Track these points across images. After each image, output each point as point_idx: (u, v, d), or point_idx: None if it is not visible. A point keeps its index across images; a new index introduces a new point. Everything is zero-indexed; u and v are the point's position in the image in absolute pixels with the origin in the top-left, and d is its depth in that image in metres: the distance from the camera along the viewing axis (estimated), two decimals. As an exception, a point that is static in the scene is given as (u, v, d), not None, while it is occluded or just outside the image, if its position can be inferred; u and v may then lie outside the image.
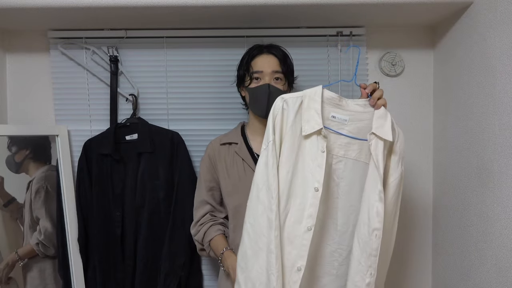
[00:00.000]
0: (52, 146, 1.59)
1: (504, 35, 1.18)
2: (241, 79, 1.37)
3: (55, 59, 1.65)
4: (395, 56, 1.65)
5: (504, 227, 1.19)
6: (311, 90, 1.13)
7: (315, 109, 1.10)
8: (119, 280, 1.54)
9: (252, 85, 1.32)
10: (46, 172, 1.56)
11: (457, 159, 1.46)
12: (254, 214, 1.09)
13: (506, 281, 1.18)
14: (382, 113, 1.10)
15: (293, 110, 1.11)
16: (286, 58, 1.36)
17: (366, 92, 1.15)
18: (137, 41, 1.63)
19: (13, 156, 1.51)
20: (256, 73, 1.30)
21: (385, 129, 1.08)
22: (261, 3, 1.34)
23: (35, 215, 1.52)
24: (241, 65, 1.37)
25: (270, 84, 1.28)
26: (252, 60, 1.33)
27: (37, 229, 1.52)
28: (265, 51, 1.34)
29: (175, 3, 1.34)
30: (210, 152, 1.40)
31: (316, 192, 1.07)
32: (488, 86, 1.26)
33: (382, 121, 1.09)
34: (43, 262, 1.53)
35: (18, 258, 1.48)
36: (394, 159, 1.11)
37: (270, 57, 1.33)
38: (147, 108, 1.67)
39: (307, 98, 1.12)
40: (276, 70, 1.30)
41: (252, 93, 1.32)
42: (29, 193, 1.52)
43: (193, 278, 1.60)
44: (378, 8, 1.39)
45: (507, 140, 1.18)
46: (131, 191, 1.55)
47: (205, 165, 1.40)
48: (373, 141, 1.08)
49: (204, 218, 1.37)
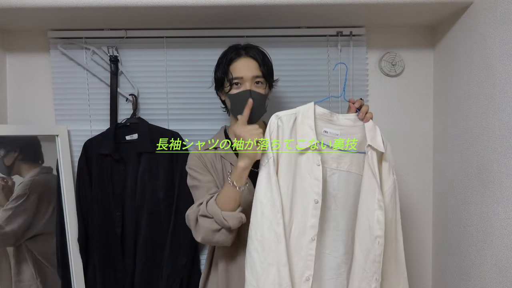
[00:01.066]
0: (47, 145, 1.56)
1: (504, 35, 1.18)
2: (220, 83, 1.29)
3: (55, 59, 1.65)
4: (395, 56, 1.65)
5: (504, 227, 1.19)
6: (304, 107, 1.18)
7: (308, 125, 1.15)
8: (119, 280, 1.54)
9: (233, 91, 1.25)
10: (36, 176, 1.53)
11: (457, 159, 1.46)
12: (260, 230, 1.10)
13: (506, 281, 1.18)
14: (372, 126, 1.18)
15: (288, 127, 1.16)
16: (265, 59, 1.29)
17: (356, 107, 1.20)
18: (137, 41, 1.63)
19: (2, 160, 1.48)
20: (236, 79, 1.24)
21: (377, 140, 1.16)
22: (261, 3, 1.34)
23: (2, 209, 1.45)
24: (218, 68, 1.29)
25: (251, 90, 1.23)
26: (230, 64, 1.25)
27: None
28: (243, 54, 1.26)
29: (175, 3, 1.34)
30: (198, 155, 1.30)
31: (316, 204, 1.12)
32: (488, 86, 1.26)
33: (373, 133, 1.17)
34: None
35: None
36: (385, 167, 1.17)
37: (250, 61, 1.25)
38: (147, 108, 1.67)
39: (301, 115, 1.17)
40: (256, 74, 1.24)
41: (233, 100, 1.26)
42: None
43: (193, 278, 1.60)
44: (378, 8, 1.39)
45: (507, 140, 1.18)
46: (131, 191, 1.55)
47: (196, 165, 1.28)
48: (369, 152, 1.14)
49: (203, 198, 1.20)
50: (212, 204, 1.14)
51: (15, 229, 1.48)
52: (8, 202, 1.47)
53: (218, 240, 1.16)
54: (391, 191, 1.16)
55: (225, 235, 1.15)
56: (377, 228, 1.09)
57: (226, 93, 1.28)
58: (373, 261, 1.09)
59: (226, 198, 1.14)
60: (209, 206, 1.15)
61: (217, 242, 1.17)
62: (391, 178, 1.16)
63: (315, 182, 1.12)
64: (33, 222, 1.52)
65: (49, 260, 1.55)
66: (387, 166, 1.17)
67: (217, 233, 1.15)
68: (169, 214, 1.54)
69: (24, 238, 1.50)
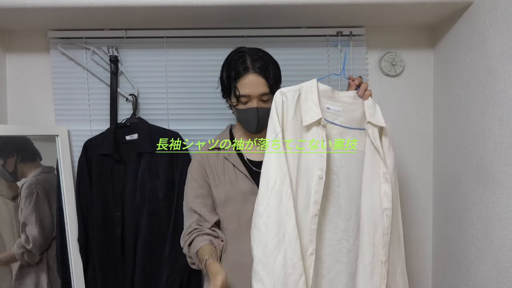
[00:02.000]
0: (42, 144, 1.56)
1: (504, 35, 1.18)
2: (227, 92, 1.28)
3: (55, 59, 1.65)
4: (395, 56, 1.65)
5: (504, 227, 1.19)
6: (307, 83, 1.20)
7: (313, 100, 1.17)
8: (119, 280, 1.54)
9: (240, 106, 1.25)
10: (38, 175, 1.54)
11: (457, 159, 1.46)
12: (270, 206, 1.10)
13: (506, 281, 1.18)
14: (371, 103, 1.20)
15: (292, 102, 1.17)
16: (272, 70, 1.26)
17: (355, 84, 1.23)
18: (137, 41, 1.63)
19: (4, 167, 1.48)
20: (243, 97, 1.23)
21: (377, 116, 1.18)
22: (261, 3, 1.34)
23: (22, 221, 1.46)
24: (224, 76, 1.27)
25: (258, 108, 1.24)
26: (237, 80, 1.23)
27: (21, 237, 1.45)
28: (250, 70, 1.22)
29: (175, 3, 1.34)
30: (199, 158, 1.34)
31: (320, 180, 1.13)
32: (488, 86, 1.26)
33: (372, 110, 1.19)
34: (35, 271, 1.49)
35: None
36: (386, 142, 1.20)
37: (258, 79, 1.22)
38: (147, 108, 1.67)
39: (304, 91, 1.19)
40: (263, 92, 1.23)
41: (240, 114, 1.28)
42: (19, 198, 1.48)
43: (193, 279, 1.60)
44: (378, 8, 1.39)
45: (507, 140, 1.18)
46: (131, 191, 1.55)
47: (195, 171, 1.33)
48: (370, 128, 1.16)
49: (190, 229, 1.29)
50: (194, 255, 1.25)
51: (43, 228, 1.51)
52: (22, 205, 1.47)
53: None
54: (393, 165, 1.18)
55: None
56: (385, 200, 1.12)
57: (234, 106, 1.29)
58: (382, 233, 1.12)
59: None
60: (192, 252, 1.26)
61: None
62: (392, 152, 1.19)
63: (319, 158, 1.13)
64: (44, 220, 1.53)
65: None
66: (387, 141, 1.19)
67: (193, 265, 1.30)
68: (169, 214, 1.54)
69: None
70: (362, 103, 1.21)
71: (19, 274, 1.48)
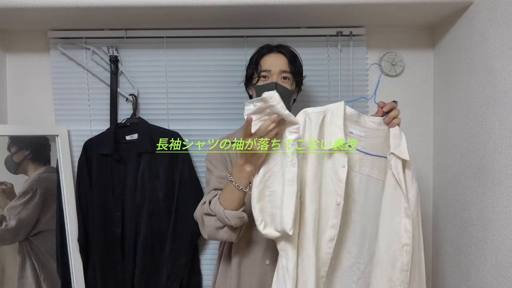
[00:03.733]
0: (51, 146, 1.58)
1: (504, 35, 1.18)
2: (249, 77, 1.35)
3: (55, 59, 1.65)
4: (395, 56, 1.65)
5: (504, 227, 1.19)
6: (334, 106, 1.15)
7: (337, 126, 1.12)
8: (119, 280, 1.54)
9: (260, 82, 1.30)
10: (42, 174, 1.55)
11: (457, 159, 1.46)
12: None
13: (506, 281, 1.18)
14: (397, 132, 1.14)
15: (316, 126, 1.12)
16: (296, 58, 1.34)
17: (384, 110, 1.16)
18: (137, 41, 1.64)
19: (12, 156, 1.50)
20: (264, 72, 1.29)
21: (402, 148, 1.12)
22: (261, 3, 1.34)
23: (4, 213, 1.46)
24: (250, 64, 1.35)
25: (277, 82, 1.25)
26: (261, 58, 1.32)
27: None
28: (274, 50, 1.33)
29: (175, 3, 1.34)
30: (218, 149, 1.32)
31: (338, 206, 1.11)
32: (488, 86, 1.26)
33: (398, 140, 1.13)
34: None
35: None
36: (409, 175, 1.14)
37: (279, 56, 1.31)
38: (147, 108, 1.67)
39: (330, 113, 1.14)
40: (284, 69, 1.29)
41: (259, 90, 1.27)
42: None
43: (193, 279, 1.60)
44: (378, 8, 1.39)
45: (507, 140, 1.17)
46: (131, 191, 1.55)
47: (215, 159, 1.30)
48: (392, 160, 1.11)
49: (209, 196, 1.20)
50: (215, 202, 1.14)
51: (23, 224, 1.49)
52: (16, 198, 1.48)
53: (222, 237, 1.16)
54: (415, 198, 1.14)
55: (229, 233, 1.15)
56: (405, 236, 1.09)
57: (253, 84, 1.32)
58: (401, 270, 1.09)
59: (227, 196, 1.13)
60: (212, 205, 1.15)
61: (222, 239, 1.18)
62: (415, 185, 1.14)
63: (339, 184, 1.10)
64: (39, 218, 1.53)
65: (53, 257, 1.56)
66: (411, 175, 1.14)
67: (220, 230, 1.15)
68: (169, 214, 1.54)
69: (31, 233, 1.51)
70: (387, 131, 1.15)
71: (20, 266, 1.50)
